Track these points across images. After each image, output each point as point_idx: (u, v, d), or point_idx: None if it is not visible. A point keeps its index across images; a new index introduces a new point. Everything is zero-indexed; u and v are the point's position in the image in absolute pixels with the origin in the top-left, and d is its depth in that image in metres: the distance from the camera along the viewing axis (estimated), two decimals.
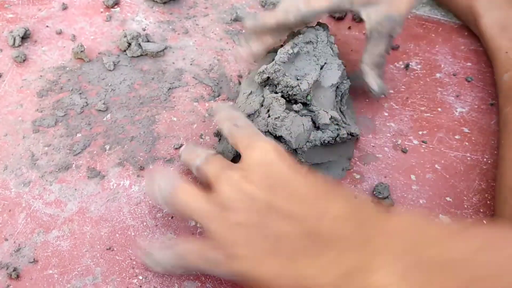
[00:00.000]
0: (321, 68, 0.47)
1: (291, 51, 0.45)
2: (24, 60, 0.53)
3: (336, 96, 0.48)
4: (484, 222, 0.43)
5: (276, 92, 0.45)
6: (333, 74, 0.47)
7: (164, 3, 0.60)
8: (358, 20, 0.61)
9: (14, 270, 0.39)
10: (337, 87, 0.48)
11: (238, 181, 0.35)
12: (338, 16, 0.61)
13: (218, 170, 0.37)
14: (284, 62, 0.45)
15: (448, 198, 0.46)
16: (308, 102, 0.45)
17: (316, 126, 0.44)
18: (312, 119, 0.44)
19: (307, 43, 0.47)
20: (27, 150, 0.46)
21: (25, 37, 0.55)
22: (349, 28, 0.60)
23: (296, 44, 0.46)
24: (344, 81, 0.48)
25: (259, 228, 0.33)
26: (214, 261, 0.35)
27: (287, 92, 0.44)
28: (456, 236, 0.29)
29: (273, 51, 0.51)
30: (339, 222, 0.31)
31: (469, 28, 0.61)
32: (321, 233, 0.31)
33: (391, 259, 0.29)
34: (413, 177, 0.47)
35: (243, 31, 0.52)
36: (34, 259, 0.40)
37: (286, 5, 0.47)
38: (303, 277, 0.31)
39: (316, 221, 0.31)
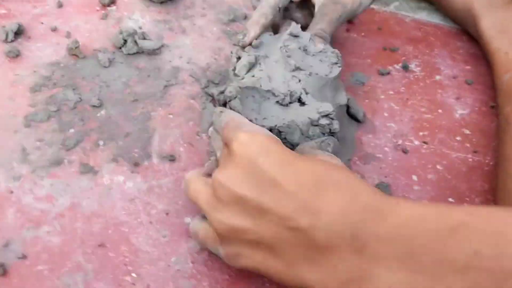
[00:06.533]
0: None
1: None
2: (17, 56, 0.52)
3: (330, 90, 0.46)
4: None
5: None
6: (327, 67, 0.45)
7: (161, 2, 0.60)
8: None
9: (1, 266, 0.37)
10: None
11: (226, 180, 0.33)
12: None
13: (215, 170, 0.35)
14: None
15: (450, 199, 0.45)
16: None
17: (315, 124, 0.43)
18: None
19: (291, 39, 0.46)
20: (18, 144, 0.45)
21: (18, 32, 0.53)
22: (347, 30, 0.60)
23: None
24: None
25: (255, 232, 0.32)
26: (216, 252, 0.36)
27: None
28: (456, 232, 0.28)
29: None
30: (333, 228, 0.29)
31: (467, 32, 0.61)
32: (317, 242, 0.30)
33: (389, 265, 0.29)
34: (414, 177, 0.46)
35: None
36: (23, 255, 0.38)
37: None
38: (305, 281, 0.31)
39: (310, 227, 0.30)
